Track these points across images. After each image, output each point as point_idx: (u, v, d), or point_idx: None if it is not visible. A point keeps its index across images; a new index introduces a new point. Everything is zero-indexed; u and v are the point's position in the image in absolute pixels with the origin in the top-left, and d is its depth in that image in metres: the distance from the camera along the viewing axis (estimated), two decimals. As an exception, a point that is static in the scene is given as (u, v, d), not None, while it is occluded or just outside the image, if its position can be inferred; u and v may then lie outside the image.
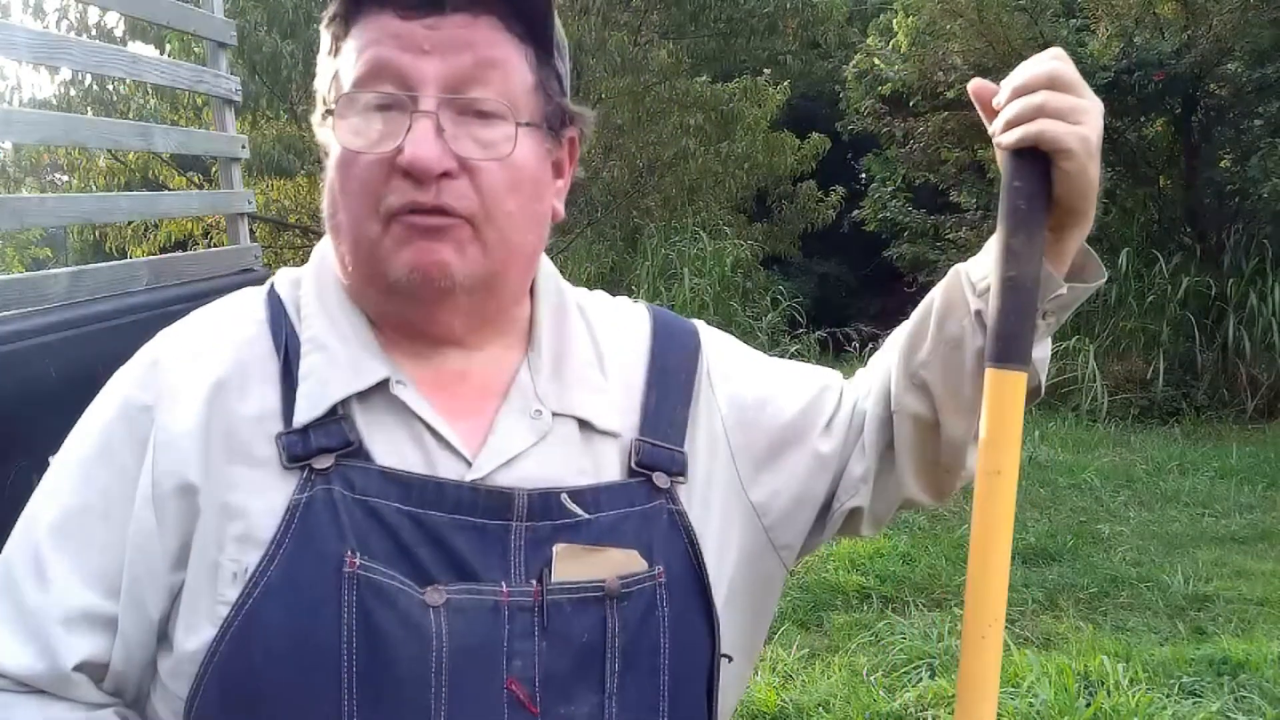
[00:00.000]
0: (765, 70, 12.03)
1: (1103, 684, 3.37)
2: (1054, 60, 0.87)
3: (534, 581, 0.85)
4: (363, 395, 0.88)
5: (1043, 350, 0.95)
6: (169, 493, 0.84)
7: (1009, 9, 9.01)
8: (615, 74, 8.95)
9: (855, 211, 12.87)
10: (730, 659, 0.95)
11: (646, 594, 0.88)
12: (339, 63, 0.89)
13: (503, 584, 0.85)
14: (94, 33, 8.65)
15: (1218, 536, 5.38)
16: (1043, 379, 0.97)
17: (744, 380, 1.03)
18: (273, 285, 0.97)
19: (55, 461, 0.89)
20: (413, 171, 0.83)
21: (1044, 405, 8.76)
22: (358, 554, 0.82)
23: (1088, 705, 3.20)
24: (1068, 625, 4.16)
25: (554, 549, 0.86)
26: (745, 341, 1.14)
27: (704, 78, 10.48)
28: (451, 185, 0.85)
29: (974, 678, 0.85)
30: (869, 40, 11.79)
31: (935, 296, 0.97)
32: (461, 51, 0.85)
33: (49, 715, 0.84)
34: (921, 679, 3.50)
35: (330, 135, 0.89)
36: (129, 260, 2.56)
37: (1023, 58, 0.91)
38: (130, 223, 9.64)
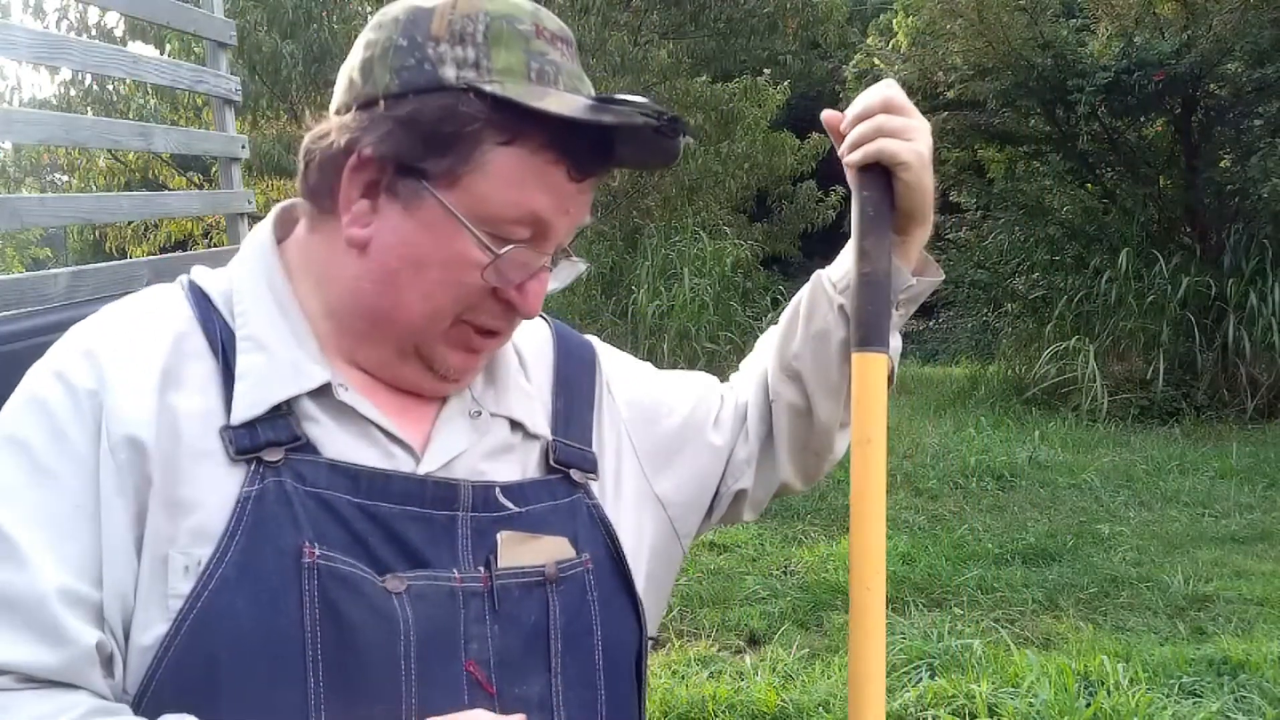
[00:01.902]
0: (765, 70, 12.03)
1: (1103, 684, 3.37)
2: (887, 89, 1.01)
3: (481, 568, 0.90)
4: (309, 395, 0.89)
5: (896, 340, 1.08)
6: (131, 482, 0.82)
7: (1009, 9, 9.00)
8: (615, 74, 8.94)
9: (855, 211, 12.83)
10: (655, 640, 0.99)
11: (579, 579, 0.94)
12: (488, 168, 0.86)
13: (454, 570, 0.88)
14: (94, 33, 8.66)
15: (1218, 536, 5.38)
16: (895, 365, 1.08)
17: (638, 386, 1.11)
18: (192, 282, 0.95)
19: None
20: (522, 314, 0.93)
21: (1044, 405, 8.77)
22: (316, 544, 0.83)
23: (1088, 705, 3.20)
24: (1068, 625, 4.16)
25: (499, 536, 0.91)
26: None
27: (704, 78, 10.48)
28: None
29: (863, 626, 0.96)
30: (869, 40, 11.80)
31: (801, 298, 1.11)
32: (582, 212, 0.94)
33: (63, 706, 0.78)
34: (921, 679, 3.50)
35: (427, 201, 0.87)
36: (129, 260, 2.56)
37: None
38: (130, 223, 9.64)
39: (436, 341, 0.92)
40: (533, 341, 1.07)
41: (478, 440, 0.96)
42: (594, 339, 1.15)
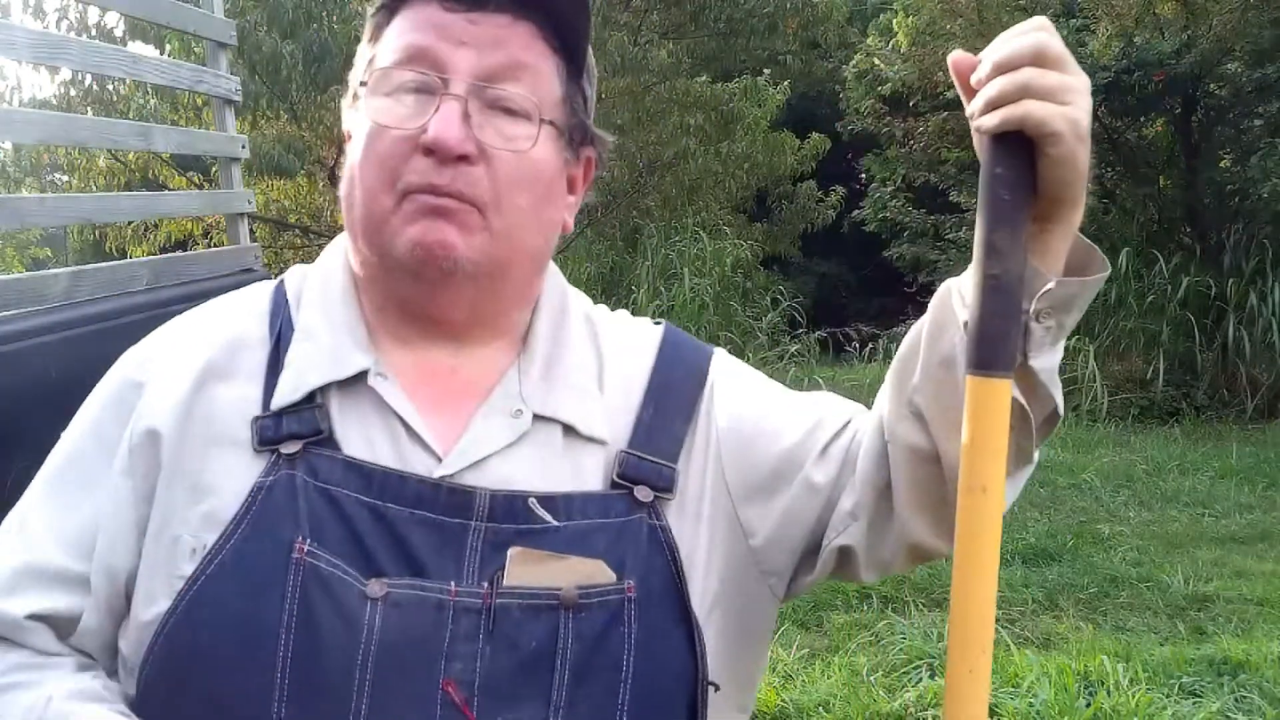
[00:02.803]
0: (765, 70, 12.03)
1: (1103, 684, 3.37)
2: (1039, 31, 0.77)
3: (485, 584, 0.84)
4: (343, 385, 0.90)
5: (1050, 360, 0.83)
6: (142, 466, 0.88)
7: (1009, 9, 9.00)
8: (615, 74, 8.93)
9: (855, 211, 12.87)
10: (717, 687, 0.90)
11: (610, 607, 0.86)
12: (378, 48, 0.93)
13: (452, 583, 0.84)
14: (94, 33, 8.65)
15: (1218, 536, 5.38)
16: (1058, 398, 0.85)
17: (746, 402, 0.99)
18: (283, 279, 1.00)
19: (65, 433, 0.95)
20: (435, 150, 0.85)
21: (1044, 405, 8.75)
22: (308, 541, 0.83)
23: (1088, 705, 3.20)
24: (1068, 625, 4.16)
25: (509, 552, 0.85)
26: (745, 341, 1.15)
27: (704, 78, 10.48)
28: (468, 171, 0.86)
29: (959, 716, 0.76)
30: (869, 40, 11.80)
31: (926, 317, 0.90)
32: (497, 49, 0.88)
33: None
34: (921, 679, 3.50)
35: (358, 116, 0.92)
36: (129, 260, 2.57)
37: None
38: (130, 223, 9.64)
39: (392, 229, 0.87)
40: (626, 346, 1.00)
41: (513, 441, 0.89)
42: (718, 349, 1.05)
